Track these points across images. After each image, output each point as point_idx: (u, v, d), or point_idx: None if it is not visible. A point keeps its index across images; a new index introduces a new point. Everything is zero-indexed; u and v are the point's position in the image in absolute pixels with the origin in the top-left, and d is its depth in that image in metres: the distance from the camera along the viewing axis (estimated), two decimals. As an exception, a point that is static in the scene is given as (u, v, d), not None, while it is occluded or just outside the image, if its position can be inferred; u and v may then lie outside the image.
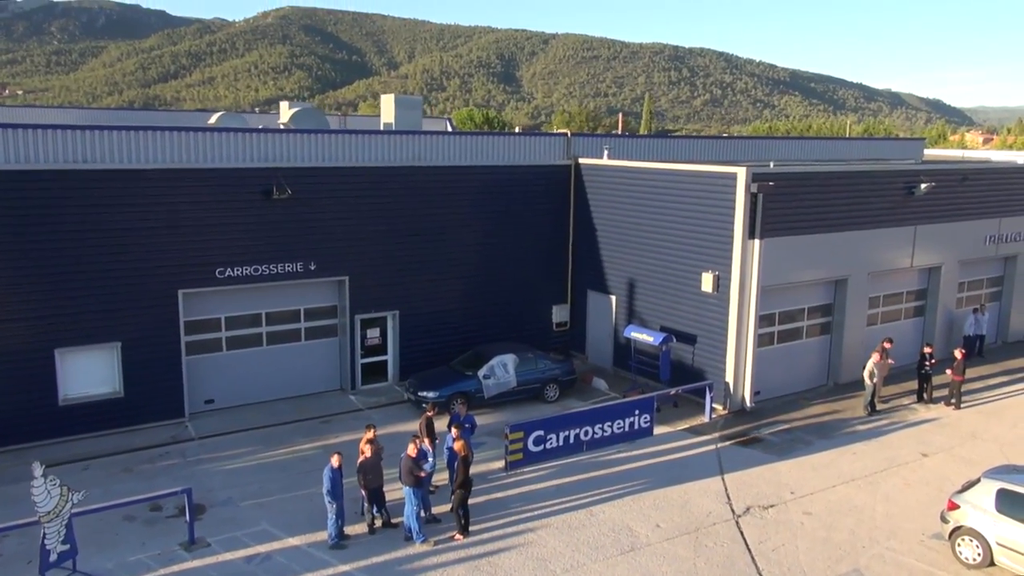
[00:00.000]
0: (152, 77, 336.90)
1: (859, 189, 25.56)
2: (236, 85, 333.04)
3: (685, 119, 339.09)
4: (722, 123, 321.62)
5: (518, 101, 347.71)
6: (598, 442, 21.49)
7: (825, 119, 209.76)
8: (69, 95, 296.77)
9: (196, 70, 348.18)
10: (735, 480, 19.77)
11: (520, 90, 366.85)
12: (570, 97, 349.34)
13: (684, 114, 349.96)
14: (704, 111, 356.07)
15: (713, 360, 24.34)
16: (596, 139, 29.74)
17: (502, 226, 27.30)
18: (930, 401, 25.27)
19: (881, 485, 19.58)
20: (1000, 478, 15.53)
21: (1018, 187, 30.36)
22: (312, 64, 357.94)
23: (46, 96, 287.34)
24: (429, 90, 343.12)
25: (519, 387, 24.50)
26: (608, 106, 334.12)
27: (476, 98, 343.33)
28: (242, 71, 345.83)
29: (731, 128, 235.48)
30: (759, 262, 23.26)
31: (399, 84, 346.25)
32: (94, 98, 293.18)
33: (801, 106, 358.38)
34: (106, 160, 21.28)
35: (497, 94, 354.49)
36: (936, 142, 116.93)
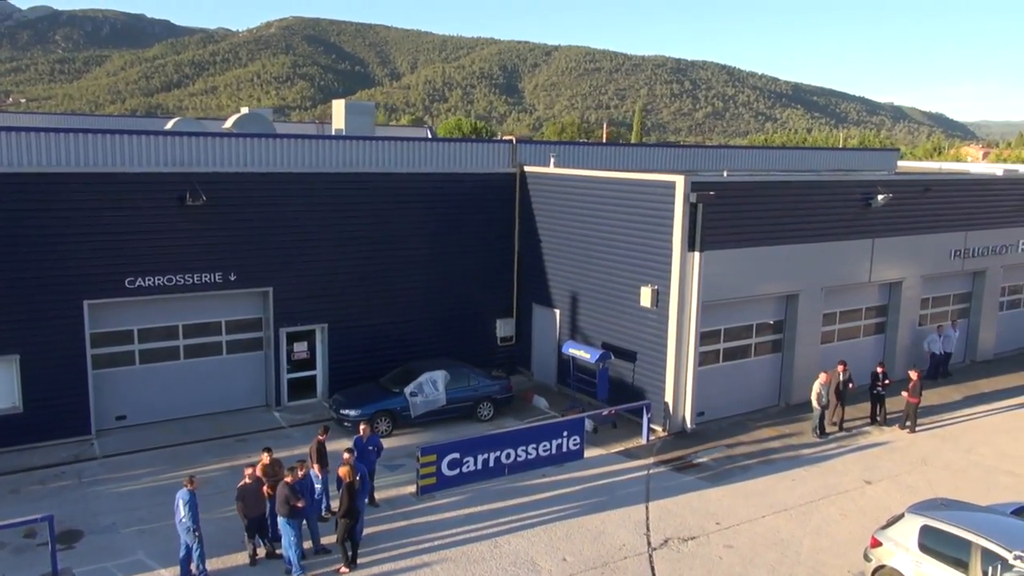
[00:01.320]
0: (155, 86, 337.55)
1: (810, 200, 24.36)
2: (239, 95, 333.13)
3: (687, 131, 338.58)
4: (724, 135, 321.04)
5: (520, 112, 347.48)
6: (522, 465, 20.26)
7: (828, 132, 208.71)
8: (72, 103, 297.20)
9: (199, 79, 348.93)
10: (660, 509, 18.51)
11: (522, 101, 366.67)
12: (572, 109, 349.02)
13: (686, 126, 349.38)
14: (706, 123, 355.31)
15: (653, 379, 23.11)
16: (543, 146, 28.62)
17: (444, 236, 26.15)
18: (884, 424, 24.01)
19: (815, 515, 18.30)
20: (925, 514, 14.26)
21: (984, 199, 29.13)
22: (315, 74, 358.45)
23: (49, 104, 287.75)
24: (431, 101, 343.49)
25: (449, 405, 23.29)
26: (610, 118, 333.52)
27: (478, 109, 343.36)
28: (245, 81, 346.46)
29: (731, 141, 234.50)
30: (699, 276, 22.06)
31: (401, 95, 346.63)
32: (97, 106, 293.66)
33: (803, 119, 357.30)
34: (3, 163, 20.18)
35: (499, 105, 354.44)
36: (931, 155, 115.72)
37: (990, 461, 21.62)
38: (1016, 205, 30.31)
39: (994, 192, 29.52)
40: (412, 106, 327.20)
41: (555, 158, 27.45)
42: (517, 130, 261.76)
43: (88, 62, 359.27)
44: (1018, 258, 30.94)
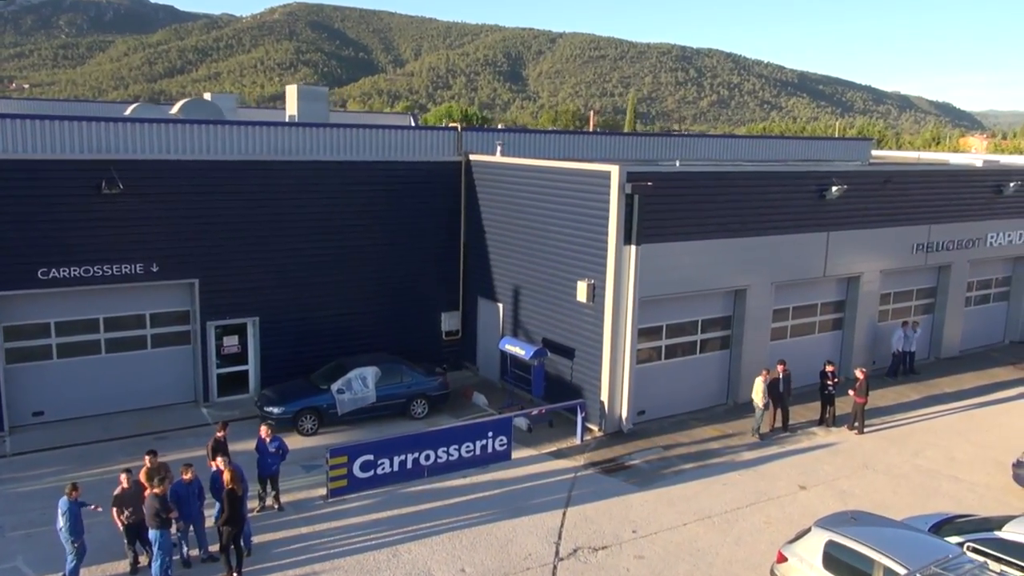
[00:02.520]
0: (158, 72, 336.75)
1: (759, 191, 23.43)
2: (242, 81, 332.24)
3: (691, 120, 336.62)
4: (728, 124, 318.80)
5: (523, 100, 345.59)
6: (443, 467, 19.46)
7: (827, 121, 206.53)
8: (75, 89, 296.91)
9: (202, 65, 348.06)
10: (578, 514, 17.70)
11: (526, 89, 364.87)
12: (576, 96, 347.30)
13: (691, 114, 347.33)
14: (711, 112, 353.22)
15: (590, 377, 22.29)
16: (489, 133, 27.69)
17: (386, 227, 25.32)
18: (832, 424, 23.14)
19: (739, 524, 17.48)
20: (831, 528, 13.42)
21: (949, 191, 28.14)
22: (318, 60, 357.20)
23: (52, 90, 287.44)
24: (435, 88, 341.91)
25: (380, 403, 22.51)
26: (614, 106, 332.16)
27: (482, 96, 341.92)
28: (248, 67, 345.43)
29: (735, 130, 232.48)
30: (635, 271, 21.17)
31: (405, 82, 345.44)
32: (100, 92, 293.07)
33: (808, 108, 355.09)
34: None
35: (503, 93, 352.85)
36: (930, 145, 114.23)
37: (935, 465, 20.76)
38: (985, 198, 29.30)
39: (960, 184, 28.53)
40: (415, 93, 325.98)
41: (501, 146, 26.54)
42: (520, 118, 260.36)
43: (91, 48, 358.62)
44: (986, 252, 29.97)
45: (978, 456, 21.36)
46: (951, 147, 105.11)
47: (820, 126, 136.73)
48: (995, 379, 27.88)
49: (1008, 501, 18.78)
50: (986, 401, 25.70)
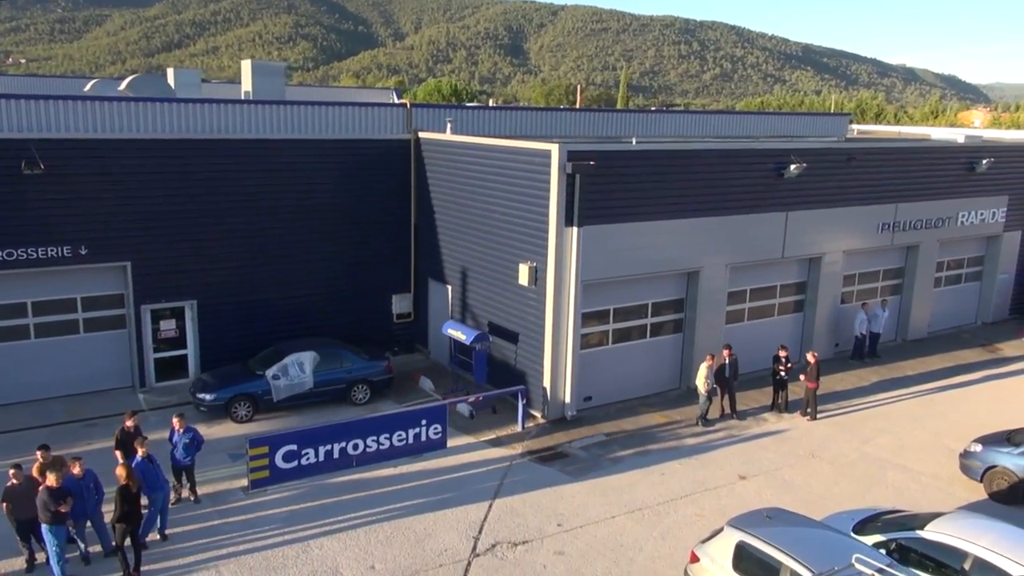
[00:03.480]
0: (155, 46, 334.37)
1: (712, 170, 22.63)
2: (240, 55, 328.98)
3: (694, 93, 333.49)
4: (731, 98, 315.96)
5: (525, 74, 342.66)
6: (373, 456, 18.87)
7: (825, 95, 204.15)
8: (72, 64, 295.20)
9: (200, 39, 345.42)
10: (505, 507, 17.12)
11: (527, 63, 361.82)
12: (577, 70, 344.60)
13: (693, 88, 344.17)
14: (714, 85, 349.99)
15: (533, 362, 21.64)
16: (440, 110, 26.83)
17: (332, 207, 24.62)
18: (785, 410, 22.50)
19: (670, 516, 16.88)
20: (743, 528, 12.78)
21: (917, 169, 27.28)
22: (317, 34, 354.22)
23: (49, 65, 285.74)
24: (435, 62, 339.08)
25: (318, 389, 21.90)
26: (616, 80, 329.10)
27: (482, 70, 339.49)
28: (246, 41, 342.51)
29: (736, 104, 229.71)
30: (577, 253, 20.44)
31: (404, 55, 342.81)
32: (97, 67, 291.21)
33: (812, 81, 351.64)
34: None
35: (504, 66, 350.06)
36: (929, 119, 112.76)
37: (885, 453, 20.12)
38: (956, 175, 28.46)
39: (930, 162, 27.66)
40: (415, 67, 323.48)
41: (452, 123, 25.72)
42: (521, 92, 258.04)
43: (88, 22, 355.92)
44: (957, 231, 29.18)
45: (930, 444, 20.72)
46: (947, 121, 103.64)
47: (818, 100, 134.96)
48: (961, 361, 27.19)
49: (953, 492, 18.16)
50: (948, 385, 25.03)
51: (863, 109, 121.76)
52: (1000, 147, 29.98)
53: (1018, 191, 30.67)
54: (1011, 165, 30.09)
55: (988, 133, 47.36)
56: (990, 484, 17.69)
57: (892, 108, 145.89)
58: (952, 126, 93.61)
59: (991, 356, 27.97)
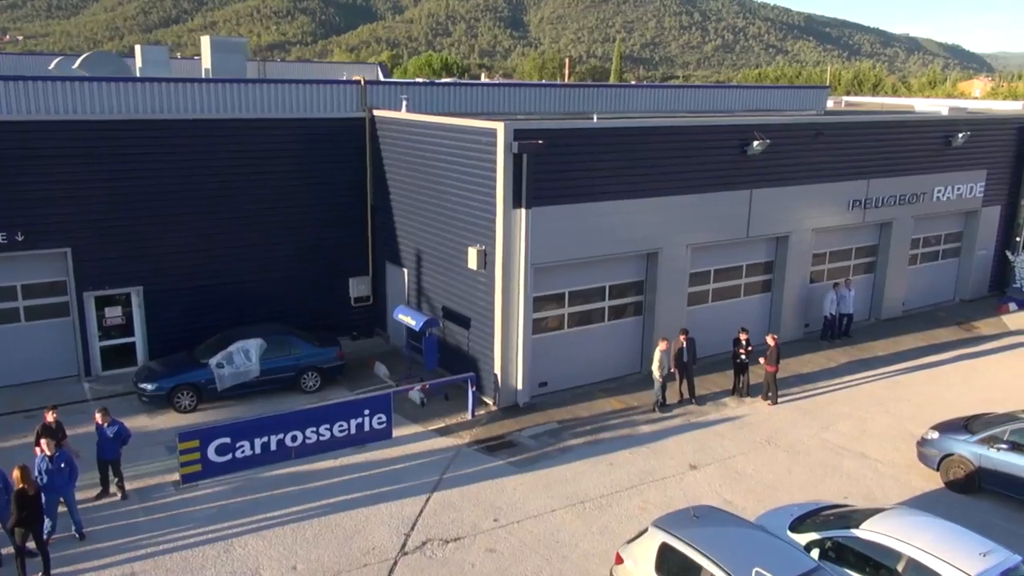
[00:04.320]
0: (153, 22, 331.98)
1: (670, 148, 21.85)
2: (238, 30, 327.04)
3: (695, 65, 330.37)
4: (732, 69, 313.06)
5: (525, 47, 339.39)
6: (313, 448, 18.32)
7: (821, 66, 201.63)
8: (70, 40, 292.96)
9: (198, 14, 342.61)
10: (443, 501, 16.57)
11: (527, 36, 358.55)
12: (578, 43, 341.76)
13: (694, 60, 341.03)
14: (715, 57, 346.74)
15: (484, 348, 21.03)
16: (395, 87, 26.01)
17: (286, 188, 23.96)
18: (746, 394, 21.88)
19: (612, 509, 16.32)
20: (667, 529, 12.19)
21: (890, 144, 26.45)
22: (315, 8, 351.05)
23: (47, 42, 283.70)
24: (434, 35, 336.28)
25: (265, 377, 21.32)
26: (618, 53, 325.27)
27: (482, 43, 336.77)
28: (244, 15, 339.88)
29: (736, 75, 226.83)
30: (526, 235, 19.75)
31: (404, 29, 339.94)
32: (95, 43, 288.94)
33: (815, 52, 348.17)
34: None
35: (503, 39, 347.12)
36: (927, 89, 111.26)
37: (843, 440, 19.52)
38: (931, 150, 27.63)
39: (903, 136, 26.81)
40: (414, 40, 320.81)
41: (407, 101, 24.93)
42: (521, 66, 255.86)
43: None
44: (932, 208, 28.39)
45: (892, 429, 20.11)
46: (944, 92, 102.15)
47: (816, 71, 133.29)
48: (934, 341, 26.53)
49: (909, 480, 17.57)
50: (918, 366, 24.40)
51: (860, 80, 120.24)
52: (978, 120, 29.13)
53: (997, 165, 29.84)
54: (989, 139, 29.25)
55: (977, 104, 46.42)
56: (946, 473, 17.11)
57: (892, 79, 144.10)
58: (949, 97, 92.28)
59: (966, 335, 27.29)
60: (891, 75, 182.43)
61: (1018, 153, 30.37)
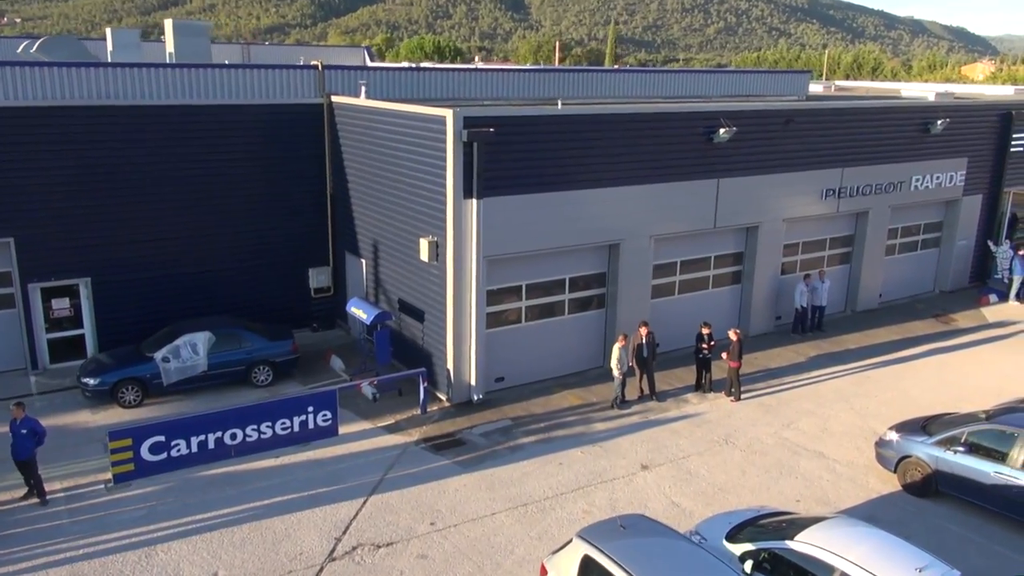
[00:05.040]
0: (152, 4, 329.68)
1: (631, 135, 21.16)
2: (237, 12, 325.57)
3: (697, 48, 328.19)
4: (735, 52, 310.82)
5: (526, 29, 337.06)
6: (254, 446, 17.78)
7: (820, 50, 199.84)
8: (68, 23, 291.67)
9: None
10: (380, 503, 16.02)
11: (528, 18, 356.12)
12: (579, 25, 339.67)
13: (696, 43, 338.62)
14: (717, 40, 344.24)
15: (437, 342, 20.44)
16: (355, 72, 25.28)
17: (241, 176, 23.33)
18: (709, 390, 21.29)
19: (555, 512, 15.76)
20: (591, 541, 11.60)
21: (866, 131, 25.72)
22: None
23: (44, 24, 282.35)
24: (435, 17, 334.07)
25: (213, 371, 20.76)
26: (618, 34, 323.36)
27: (483, 26, 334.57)
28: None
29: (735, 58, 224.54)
30: (477, 227, 19.12)
31: (404, 11, 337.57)
32: (92, 26, 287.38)
33: (818, 35, 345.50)
34: None
35: (504, 22, 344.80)
36: (926, 72, 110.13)
37: (804, 438, 18.93)
38: (909, 137, 26.90)
39: (880, 123, 26.07)
40: (415, 23, 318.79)
41: (366, 86, 24.24)
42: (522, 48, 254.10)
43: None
44: (911, 197, 27.67)
45: (855, 427, 19.52)
46: (943, 76, 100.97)
47: (815, 55, 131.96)
48: (909, 334, 25.89)
49: (866, 482, 16.99)
50: (890, 360, 23.77)
51: (860, 63, 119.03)
52: (958, 107, 28.38)
53: (978, 153, 29.11)
54: (970, 126, 28.51)
55: (968, 89, 45.60)
56: (904, 475, 16.53)
57: (894, 62, 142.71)
58: (947, 81, 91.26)
59: (943, 328, 26.65)
60: (894, 58, 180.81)
61: (1001, 140, 29.63)
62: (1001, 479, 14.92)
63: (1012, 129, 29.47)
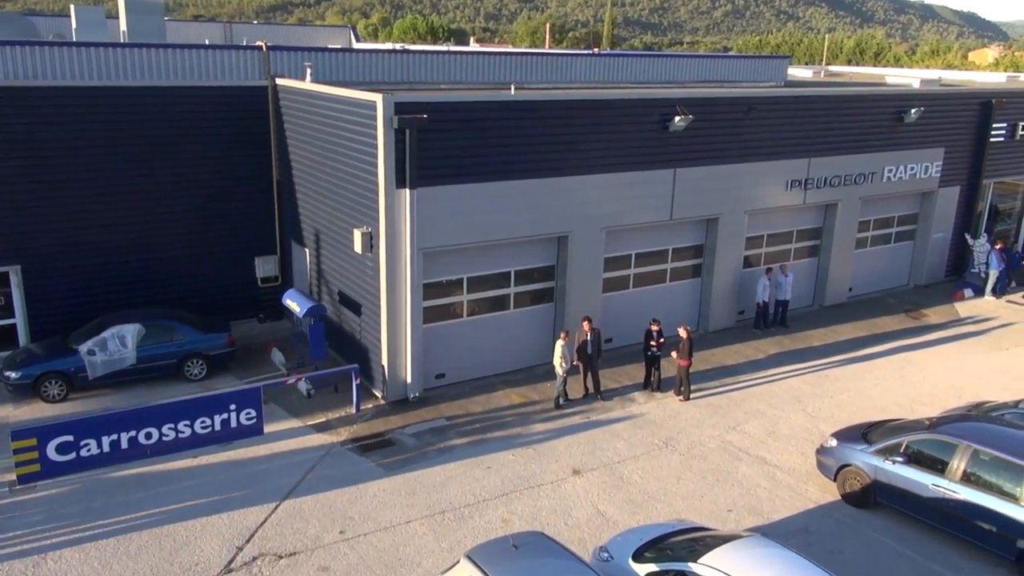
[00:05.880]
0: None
1: (581, 123, 20.27)
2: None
3: (704, 31, 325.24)
4: (743, 36, 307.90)
5: (531, 11, 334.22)
6: (171, 446, 17.06)
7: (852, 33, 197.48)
8: (57, 2, 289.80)
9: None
10: (293, 508, 15.31)
11: None
12: (585, 7, 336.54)
13: (703, 26, 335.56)
14: (724, 23, 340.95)
15: (373, 337, 19.68)
16: (300, 53, 24.33)
17: (183, 161, 22.51)
18: (657, 389, 20.50)
19: (471, 521, 15.03)
20: (478, 562, 10.86)
21: (834, 120, 24.76)
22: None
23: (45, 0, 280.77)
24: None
25: (142, 364, 20.05)
26: (625, 16, 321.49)
27: (487, 7, 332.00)
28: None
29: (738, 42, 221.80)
30: (411, 218, 18.29)
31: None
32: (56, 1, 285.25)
33: (827, 19, 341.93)
34: None
35: (509, 2, 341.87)
36: (929, 58, 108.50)
37: (748, 442, 18.15)
38: (881, 126, 25.93)
39: (849, 111, 25.09)
40: (419, 3, 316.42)
41: (311, 68, 23.34)
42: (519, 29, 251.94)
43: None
44: (883, 188, 26.72)
45: (803, 430, 18.72)
46: (945, 62, 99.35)
47: (819, 40, 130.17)
48: (877, 330, 25.04)
49: (805, 491, 16.21)
50: (853, 358, 22.95)
51: (863, 48, 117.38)
52: (934, 95, 27.37)
53: (956, 143, 28.12)
54: (948, 115, 27.51)
55: (959, 76, 44.45)
56: (843, 485, 15.74)
57: (903, 47, 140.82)
58: (949, 67, 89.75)
59: (913, 323, 25.79)
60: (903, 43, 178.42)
61: (980, 130, 28.63)
62: (939, 492, 14.13)
63: (992, 118, 28.44)
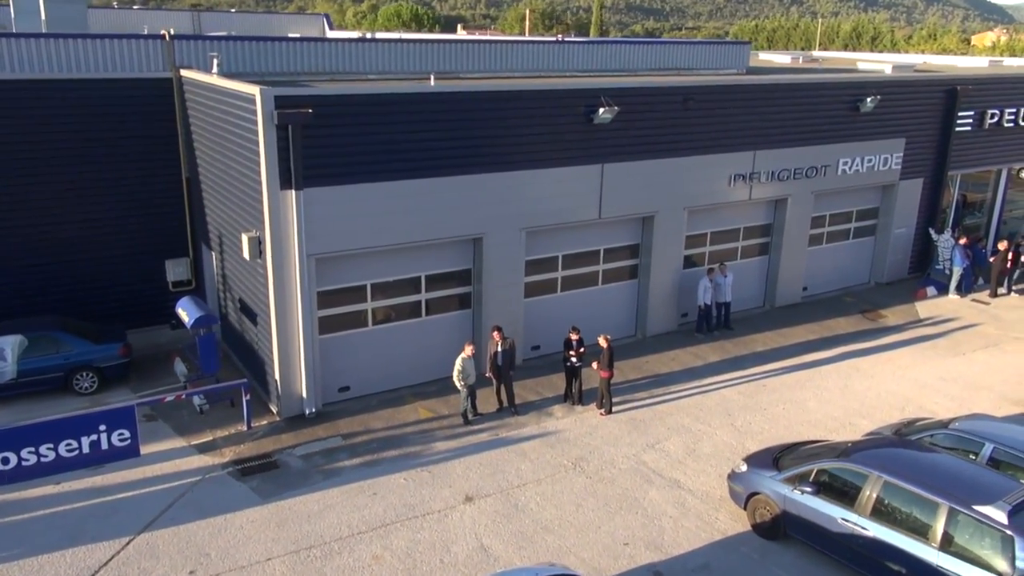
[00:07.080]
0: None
1: (494, 116, 18.80)
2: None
3: (707, 16, 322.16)
4: (747, 20, 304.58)
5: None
6: (33, 471, 15.71)
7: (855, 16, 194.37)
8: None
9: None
10: (147, 543, 13.96)
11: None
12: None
13: (706, 11, 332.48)
14: (728, 7, 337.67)
15: (266, 348, 18.29)
16: (206, 43, 22.88)
17: (83, 158, 21.16)
18: (578, 402, 19.08)
19: (339, 559, 13.65)
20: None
21: (781, 109, 23.21)
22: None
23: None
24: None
25: (24, 378, 18.72)
26: (627, 2, 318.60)
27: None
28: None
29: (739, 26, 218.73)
30: (299, 221, 16.87)
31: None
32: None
33: (831, 3, 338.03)
34: None
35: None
36: (926, 42, 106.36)
37: (664, 463, 16.72)
38: (835, 116, 24.38)
39: (797, 101, 23.55)
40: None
41: (218, 59, 21.83)
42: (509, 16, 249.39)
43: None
44: (838, 181, 25.18)
45: (728, 448, 17.28)
46: (941, 47, 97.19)
47: (814, 25, 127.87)
48: (828, 333, 23.57)
49: (714, 520, 14.78)
50: (797, 364, 21.51)
51: (859, 33, 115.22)
52: (893, 82, 25.76)
53: (918, 133, 26.54)
54: (909, 103, 25.93)
55: (942, 61, 42.77)
56: (753, 514, 14.34)
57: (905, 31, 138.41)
58: (944, 52, 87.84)
59: (868, 326, 24.29)
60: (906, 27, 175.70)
61: (944, 119, 27.05)
62: (847, 527, 12.70)
63: (957, 107, 26.83)
